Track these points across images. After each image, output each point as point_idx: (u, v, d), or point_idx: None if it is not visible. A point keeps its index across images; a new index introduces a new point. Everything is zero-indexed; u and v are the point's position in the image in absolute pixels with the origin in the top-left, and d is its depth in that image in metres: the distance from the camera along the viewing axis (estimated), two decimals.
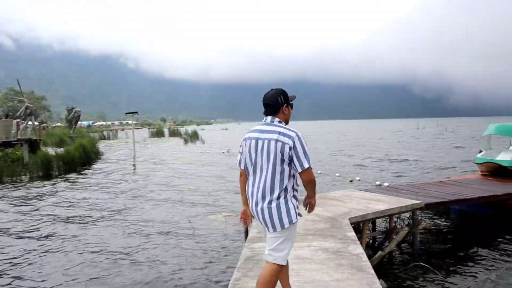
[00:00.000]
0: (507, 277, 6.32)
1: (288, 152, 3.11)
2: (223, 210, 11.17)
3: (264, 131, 3.25)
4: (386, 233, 7.60)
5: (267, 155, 3.16)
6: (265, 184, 3.18)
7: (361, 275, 4.13)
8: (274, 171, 3.15)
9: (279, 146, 3.12)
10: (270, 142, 3.16)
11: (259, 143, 3.22)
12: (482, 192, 9.38)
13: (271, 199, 3.15)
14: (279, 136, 3.14)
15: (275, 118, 3.30)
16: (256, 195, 3.23)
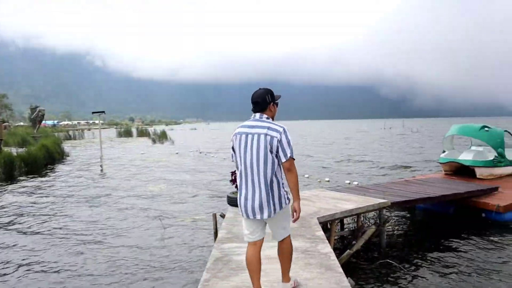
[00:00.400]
0: (468, 272, 6.52)
1: (276, 145, 3.47)
2: (193, 212, 11.09)
3: (253, 127, 3.57)
4: (354, 231, 7.72)
5: (257, 147, 3.50)
6: (258, 173, 3.51)
7: (330, 274, 4.18)
8: (266, 160, 3.49)
9: (268, 139, 3.48)
10: (260, 135, 3.50)
11: (248, 137, 3.55)
12: (445, 190, 9.65)
13: (269, 187, 3.52)
14: (268, 131, 3.49)
15: (263, 114, 3.65)
16: (249, 183, 3.56)
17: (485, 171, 12.72)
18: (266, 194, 3.51)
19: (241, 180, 3.65)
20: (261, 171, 3.50)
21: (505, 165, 13.18)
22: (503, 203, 9.42)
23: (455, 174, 13.46)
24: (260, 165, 3.50)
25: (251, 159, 3.53)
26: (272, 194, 3.53)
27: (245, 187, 3.61)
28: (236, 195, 7.19)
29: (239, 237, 5.42)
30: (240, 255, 4.71)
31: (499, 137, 13.36)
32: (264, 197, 3.51)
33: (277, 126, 3.53)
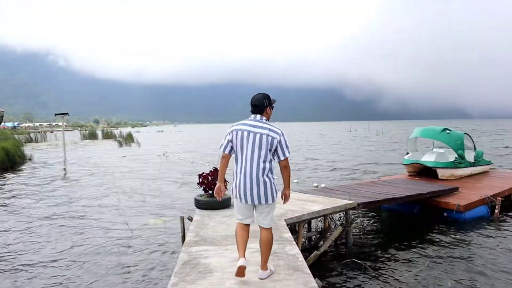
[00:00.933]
0: (431, 270, 6.71)
1: (275, 144, 4.06)
2: (160, 215, 10.95)
3: (255, 126, 4.11)
4: (321, 232, 7.82)
5: (259, 144, 4.04)
6: (258, 167, 4.05)
7: (298, 275, 4.21)
8: (265, 156, 4.06)
9: (270, 139, 4.05)
10: (263, 135, 4.05)
11: (250, 135, 4.08)
12: (409, 191, 9.91)
13: (261, 179, 4.06)
14: (270, 132, 4.06)
15: (262, 116, 4.21)
16: (247, 176, 4.07)
17: (446, 172, 13.12)
18: (259, 185, 4.06)
19: (240, 169, 4.14)
20: (261, 165, 4.06)
21: (465, 166, 13.65)
22: (463, 203, 9.75)
23: (418, 175, 13.83)
24: (261, 160, 4.06)
25: (252, 153, 4.06)
26: (265, 186, 4.07)
27: (243, 177, 4.09)
28: (203, 197, 7.19)
29: (207, 240, 5.40)
30: (208, 258, 4.69)
31: (459, 139, 13.81)
32: (256, 187, 4.06)
33: (277, 129, 4.11)
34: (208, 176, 7.32)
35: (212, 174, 7.32)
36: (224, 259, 4.67)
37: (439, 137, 13.92)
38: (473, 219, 9.82)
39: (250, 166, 4.07)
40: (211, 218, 6.58)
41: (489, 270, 6.69)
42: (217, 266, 4.45)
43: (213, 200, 7.12)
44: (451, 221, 9.77)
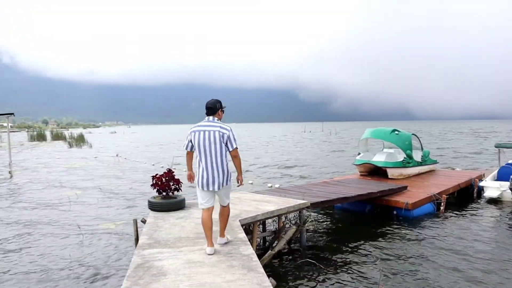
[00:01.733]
0: (380, 266, 6.93)
1: (226, 138, 4.99)
2: (113, 218, 10.70)
3: (209, 126, 5.03)
4: (275, 232, 7.89)
5: (214, 140, 4.97)
6: (218, 159, 5.00)
7: (252, 275, 4.24)
8: (221, 149, 5.00)
9: (221, 134, 4.97)
10: (215, 132, 4.98)
11: (206, 133, 4.99)
12: (361, 190, 10.20)
13: (222, 168, 5.02)
14: (220, 129, 4.99)
15: (215, 117, 5.13)
16: (208, 168, 5.00)
17: (396, 172, 13.59)
18: (218, 172, 5.01)
19: (200, 162, 5.04)
20: (218, 156, 5.00)
21: (413, 166, 14.19)
22: (411, 201, 10.15)
23: (369, 175, 14.24)
24: (217, 152, 4.99)
25: (209, 148, 4.97)
26: (222, 173, 5.03)
27: (204, 168, 5.02)
28: (157, 199, 7.10)
29: (160, 242, 5.33)
30: (161, 261, 4.64)
31: (407, 139, 14.33)
32: (216, 175, 5.01)
33: (226, 126, 5.05)
34: (162, 178, 7.23)
35: (166, 176, 7.24)
36: (178, 261, 4.63)
37: (388, 138, 14.38)
38: (421, 216, 10.24)
39: (210, 159, 5.00)
40: (165, 220, 6.50)
41: (434, 264, 7.00)
42: (171, 269, 4.41)
43: (167, 201, 7.05)
44: (400, 218, 10.14)
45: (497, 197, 12.16)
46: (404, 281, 6.32)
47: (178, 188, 7.37)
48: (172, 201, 7.12)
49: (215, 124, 5.04)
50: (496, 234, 8.99)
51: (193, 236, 5.62)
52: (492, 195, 12.20)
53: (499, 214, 10.76)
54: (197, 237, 5.56)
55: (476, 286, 6.14)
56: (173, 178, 7.31)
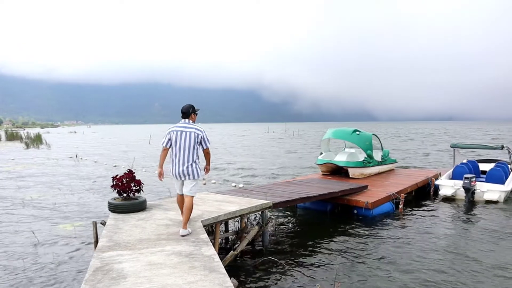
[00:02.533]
0: (340, 265, 7.07)
1: (200, 138, 5.97)
2: (71, 221, 10.41)
3: (185, 127, 5.96)
4: (238, 233, 7.89)
5: (189, 140, 5.90)
6: (189, 156, 5.90)
7: (214, 276, 4.22)
8: (193, 148, 5.92)
9: (196, 134, 5.93)
10: (191, 132, 5.92)
11: (183, 133, 5.91)
12: (322, 190, 10.34)
13: (190, 163, 5.90)
14: (195, 130, 5.95)
15: (190, 120, 6.07)
16: (180, 161, 5.90)
17: (357, 171, 13.87)
18: (187, 167, 5.90)
19: (175, 158, 5.94)
20: (190, 153, 5.90)
21: (373, 165, 14.52)
22: (371, 200, 10.38)
23: (331, 174, 14.47)
24: (190, 150, 5.90)
25: (184, 145, 5.89)
26: (191, 167, 5.91)
27: (177, 162, 5.92)
28: (117, 201, 6.96)
29: (120, 244, 5.23)
30: (121, 263, 4.55)
31: (368, 140, 14.66)
32: (185, 168, 5.89)
33: (200, 127, 6.01)
34: (123, 179, 7.09)
35: (126, 176, 7.11)
36: (138, 263, 4.56)
37: (350, 138, 14.66)
38: (380, 215, 10.50)
39: (183, 155, 5.90)
40: (125, 221, 6.38)
41: (391, 262, 7.20)
42: (131, 271, 4.33)
43: (128, 203, 6.92)
44: (360, 217, 10.36)
45: (452, 195, 12.64)
46: (361, 279, 6.46)
47: (139, 189, 7.25)
48: (133, 202, 7.00)
49: (191, 126, 5.99)
50: (450, 231, 9.34)
51: (155, 237, 5.55)
52: (447, 193, 12.66)
53: (453, 212, 11.18)
54: (158, 239, 5.49)
55: (432, 281, 6.35)
56: (134, 179, 7.19)
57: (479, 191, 12.28)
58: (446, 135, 64.88)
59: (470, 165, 13.99)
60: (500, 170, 12.93)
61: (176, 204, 6.72)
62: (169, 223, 6.35)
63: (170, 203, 7.82)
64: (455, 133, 71.91)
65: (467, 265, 7.03)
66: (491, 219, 10.27)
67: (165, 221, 6.45)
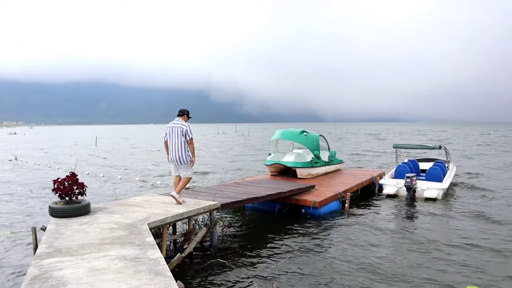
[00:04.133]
0: (291, 263, 7.17)
1: (185, 131, 7.76)
2: (10, 225, 9.90)
3: (176, 124, 7.87)
4: (186, 235, 7.81)
5: (177, 133, 7.77)
6: (179, 145, 7.75)
7: (159, 279, 4.15)
8: (182, 139, 7.76)
9: (182, 128, 7.76)
10: (179, 127, 7.78)
11: (173, 128, 7.82)
12: (271, 190, 10.44)
13: (181, 151, 7.75)
14: (182, 125, 7.78)
15: (182, 119, 7.97)
16: (173, 149, 7.79)
17: (305, 171, 14.10)
18: (179, 153, 7.79)
19: (170, 147, 7.89)
20: (180, 143, 7.79)
21: (321, 165, 14.83)
22: (318, 199, 10.59)
23: (280, 175, 14.63)
24: (179, 140, 7.79)
25: (175, 137, 7.81)
26: (181, 154, 7.79)
27: (171, 150, 7.86)
28: (59, 205, 6.70)
29: (61, 250, 5.03)
30: (62, 270, 4.37)
31: (315, 140, 14.94)
32: (177, 155, 7.80)
33: (186, 123, 7.90)
34: (65, 182, 6.83)
35: (69, 179, 6.85)
36: (80, 270, 4.40)
37: (297, 139, 14.87)
38: (327, 214, 10.73)
39: (174, 144, 7.81)
40: (67, 226, 6.14)
41: (335, 260, 7.40)
42: (72, 278, 4.18)
43: (70, 207, 6.67)
44: (308, 216, 10.54)
45: (394, 194, 13.15)
46: (303, 277, 6.58)
47: (82, 192, 7.00)
48: (76, 206, 6.75)
49: (180, 123, 7.90)
50: (393, 227, 9.75)
51: (98, 242, 5.38)
52: (390, 192, 13.16)
53: (396, 209, 11.66)
54: (102, 243, 5.32)
55: (374, 276, 6.57)
56: (77, 181, 6.94)
57: (419, 189, 12.85)
58: (390, 135, 67.39)
59: (411, 165, 14.62)
60: (438, 168, 13.59)
61: (121, 207, 6.75)
62: (114, 226, 6.17)
63: (115, 206, 7.61)
64: (398, 134, 74.88)
65: (408, 258, 7.36)
66: (430, 216, 10.81)
67: (109, 224, 6.27)
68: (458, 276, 6.54)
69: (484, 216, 10.65)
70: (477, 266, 7.01)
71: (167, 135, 7.90)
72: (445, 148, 15.10)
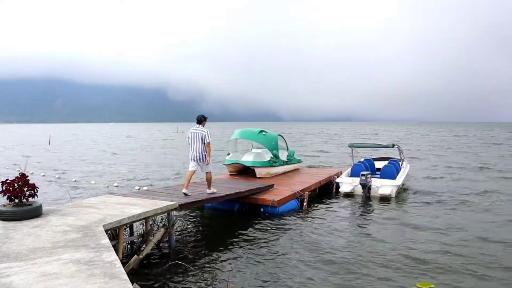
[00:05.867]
0: (248, 262, 7.17)
1: (203, 136, 9.44)
2: None
3: (196, 130, 9.52)
4: (143, 236, 7.66)
5: (197, 137, 9.46)
6: (199, 148, 9.49)
7: (115, 282, 4.04)
8: (200, 142, 9.47)
9: (202, 133, 9.44)
10: (199, 133, 9.46)
11: (194, 133, 9.50)
12: (229, 190, 10.43)
13: (199, 152, 9.49)
14: (201, 132, 9.45)
15: (200, 125, 9.58)
16: (194, 150, 9.53)
17: (263, 171, 14.16)
18: (197, 153, 9.47)
19: (191, 148, 9.53)
20: (199, 146, 9.45)
21: (279, 165, 14.94)
22: (277, 198, 10.67)
23: (238, 174, 14.62)
24: (199, 144, 9.45)
25: (195, 141, 9.47)
26: (200, 154, 9.47)
27: (192, 151, 9.51)
28: (8, 207, 6.40)
29: (10, 256, 4.80)
30: (10, 277, 4.17)
31: (273, 140, 15.03)
32: (196, 154, 9.48)
33: (205, 129, 9.51)
34: (14, 183, 6.53)
35: (18, 180, 6.55)
36: (31, 275, 4.22)
37: (256, 139, 14.92)
38: (286, 213, 10.83)
39: (195, 146, 9.50)
40: (17, 230, 5.88)
41: (292, 258, 7.48)
42: (22, 284, 3.99)
43: (20, 209, 6.38)
44: (267, 215, 10.59)
45: (350, 192, 13.43)
46: (257, 278, 6.59)
47: (33, 194, 6.72)
48: (26, 208, 6.46)
49: (200, 129, 9.54)
50: (349, 224, 10.03)
51: (50, 245, 5.18)
52: (346, 190, 13.44)
53: (351, 207, 11.97)
54: (54, 247, 5.13)
55: (329, 277, 6.68)
56: (27, 183, 6.65)
57: (374, 187, 13.18)
58: (346, 134, 68.86)
59: (367, 163, 14.98)
60: (392, 167, 14.00)
61: (75, 209, 6.66)
62: (67, 229, 5.96)
63: (69, 208, 7.35)
64: (354, 133, 76.63)
65: (363, 256, 7.52)
66: (384, 212, 11.19)
67: (63, 227, 6.05)
68: (411, 273, 6.72)
69: (435, 211, 11.10)
70: (430, 261, 7.26)
71: (190, 139, 9.61)
72: (398, 147, 15.57)
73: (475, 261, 7.23)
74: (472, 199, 12.76)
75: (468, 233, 9.00)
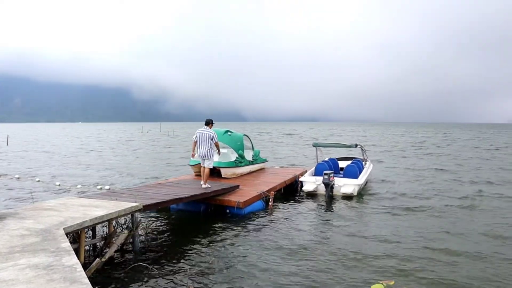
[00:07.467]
0: (212, 264, 7.14)
1: (212, 136, 11.42)
2: None
3: (205, 131, 11.50)
4: (106, 238, 7.49)
5: (206, 137, 11.40)
6: (207, 146, 11.40)
7: (75, 287, 3.93)
8: (208, 142, 11.39)
9: (210, 135, 11.42)
10: (207, 134, 11.42)
11: (203, 134, 11.45)
12: (195, 191, 10.34)
13: (208, 150, 11.41)
14: (209, 133, 11.43)
15: (208, 127, 11.60)
16: (201, 149, 11.45)
17: (229, 171, 14.13)
18: (205, 152, 11.41)
19: (199, 147, 11.45)
20: (206, 145, 11.38)
21: (245, 165, 14.94)
22: (242, 200, 10.67)
23: None
24: (206, 144, 11.38)
25: (203, 141, 11.39)
26: (207, 152, 11.41)
27: (201, 149, 11.43)
28: None
29: None
30: None
31: (239, 140, 15.03)
32: (204, 153, 11.43)
33: (212, 131, 11.54)
34: None
35: None
36: None
37: (221, 139, 14.85)
38: (251, 213, 10.84)
39: (203, 145, 11.32)
40: None
41: (255, 259, 7.51)
42: None
43: None
44: (233, 216, 10.57)
45: (314, 191, 13.59)
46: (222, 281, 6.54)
47: None
48: None
49: (208, 131, 11.37)
50: (312, 222, 10.24)
51: (6, 251, 4.98)
52: (309, 188, 13.60)
53: (315, 205, 12.22)
54: (10, 252, 4.93)
55: (292, 278, 6.73)
56: None
57: (337, 186, 13.37)
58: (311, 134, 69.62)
59: (331, 163, 15.20)
60: (355, 166, 14.26)
61: (35, 212, 6.50)
62: (25, 233, 5.75)
63: (28, 211, 7.09)
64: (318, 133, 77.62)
65: (324, 255, 7.64)
66: (345, 210, 11.53)
67: (20, 231, 5.83)
68: (369, 273, 6.83)
69: (395, 209, 11.45)
70: (390, 258, 7.44)
71: (197, 137, 11.39)
72: (361, 147, 15.87)
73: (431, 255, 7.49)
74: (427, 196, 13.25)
75: (422, 230, 9.34)
